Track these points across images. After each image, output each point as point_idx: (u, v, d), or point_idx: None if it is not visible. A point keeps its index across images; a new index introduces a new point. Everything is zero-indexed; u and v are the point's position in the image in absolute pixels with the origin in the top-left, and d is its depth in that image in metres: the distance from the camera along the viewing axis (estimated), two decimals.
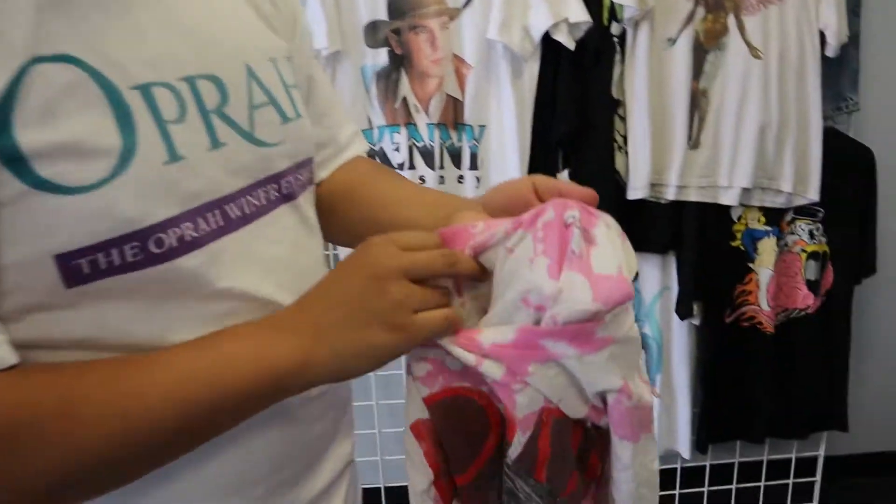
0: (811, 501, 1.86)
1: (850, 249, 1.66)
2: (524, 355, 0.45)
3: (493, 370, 0.46)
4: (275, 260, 0.52)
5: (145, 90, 0.43)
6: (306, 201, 0.59)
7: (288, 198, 0.55)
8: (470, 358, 0.46)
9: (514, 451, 0.48)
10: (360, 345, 0.46)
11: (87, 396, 0.40)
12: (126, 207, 0.41)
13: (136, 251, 0.41)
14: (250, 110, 0.51)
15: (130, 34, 0.43)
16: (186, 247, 0.44)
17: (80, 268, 0.40)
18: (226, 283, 0.47)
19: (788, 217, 1.64)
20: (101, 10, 0.42)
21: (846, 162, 1.61)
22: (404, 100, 1.50)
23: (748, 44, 1.51)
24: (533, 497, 0.49)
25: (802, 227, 1.64)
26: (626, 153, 1.53)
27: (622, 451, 0.49)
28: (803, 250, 1.65)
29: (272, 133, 0.53)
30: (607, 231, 0.47)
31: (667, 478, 1.74)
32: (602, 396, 0.47)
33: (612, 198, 1.52)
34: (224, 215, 0.47)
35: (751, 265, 1.63)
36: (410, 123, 1.50)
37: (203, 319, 0.46)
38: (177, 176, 0.44)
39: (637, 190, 1.52)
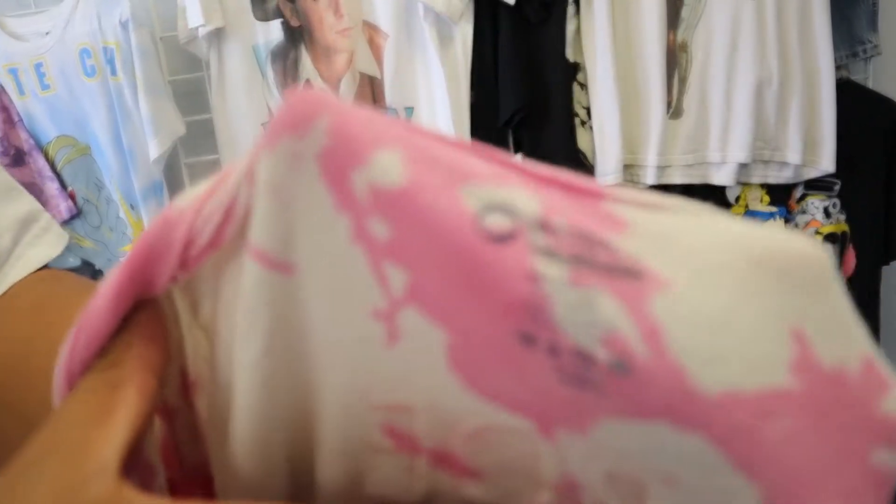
0: None
1: (874, 227, 1.38)
2: None
3: None
4: None
5: None
6: None
7: None
8: None
9: None
10: None
11: None
12: None
13: None
14: None
15: None
16: None
17: None
18: None
19: (798, 194, 1.37)
20: None
21: (866, 121, 1.33)
22: (308, 82, 1.21)
23: None
24: None
25: (815, 204, 1.36)
26: (591, 129, 1.26)
27: None
28: (818, 232, 1.37)
29: None
30: (663, 215, 0.17)
31: None
32: None
33: None
34: None
35: None
36: None
37: None
38: None
39: (608, 174, 1.24)
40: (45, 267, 0.38)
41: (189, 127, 1.26)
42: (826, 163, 1.29)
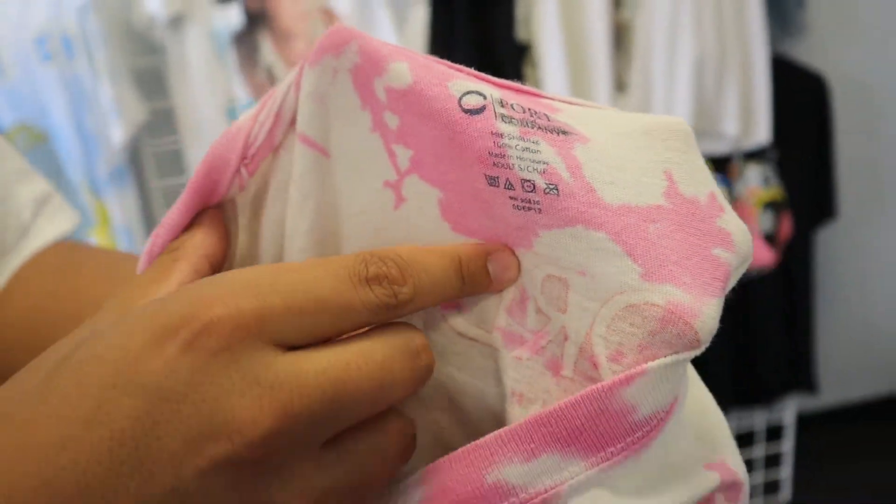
0: (783, 468, 1.72)
1: (807, 194, 1.47)
2: None
3: None
4: None
5: None
6: None
7: None
8: None
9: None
10: None
11: None
12: None
13: None
14: None
15: None
16: None
17: None
18: None
19: (737, 163, 1.44)
20: None
21: (797, 94, 1.42)
22: (269, 68, 1.23)
23: None
24: None
25: (755, 172, 1.44)
26: None
27: None
28: (757, 200, 1.45)
29: None
30: (584, 107, 0.23)
31: None
32: None
33: None
34: None
35: None
36: None
37: None
38: None
39: None
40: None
41: (149, 113, 1.27)
42: (762, 133, 1.36)
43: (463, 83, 0.20)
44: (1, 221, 0.39)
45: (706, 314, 0.19)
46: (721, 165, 1.43)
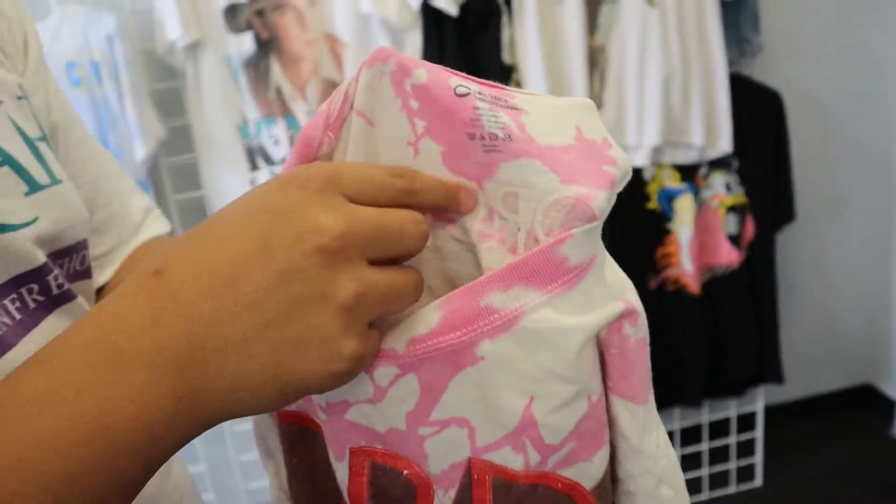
0: (754, 455, 1.83)
1: (767, 198, 1.61)
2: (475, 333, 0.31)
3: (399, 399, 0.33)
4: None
5: None
6: (85, 303, 0.43)
7: (59, 301, 0.40)
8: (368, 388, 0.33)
9: None
10: (275, 381, 0.28)
11: None
12: None
13: None
14: None
15: None
16: None
17: None
18: None
19: (703, 171, 1.57)
20: None
21: (755, 107, 1.55)
22: (278, 89, 1.36)
23: None
24: None
25: (718, 180, 1.58)
26: None
27: (631, 423, 0.35)
28: (721, 204, 1.59)
29: (15, 208, 0.37)
30: (530, 95, 0.34)
31: None
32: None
33: None
34: None
35: (669, 226, 1.56)
36: (288, 113, 1.36)
37: None
38: None
39: None
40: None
41: (167, 131, 1.39)
42: (724, 144, 1.49)
43: (456, 80, 0.32)
44: (122, 222, 0.52)
45: (599, 199, 0.31)
46: (688, 174, 1.56)
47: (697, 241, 1.58)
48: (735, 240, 1.60)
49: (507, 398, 0.32)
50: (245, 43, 1.34)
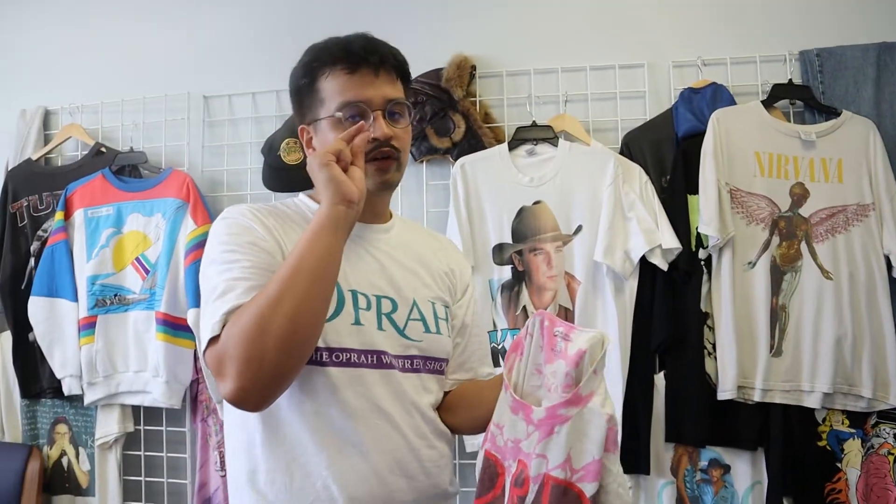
0: None
1: None
2: (552, 421, 0.77)
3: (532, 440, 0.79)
4: (399, 392, 0.95)
5: (353, 292, 0.95)
6: (428, 380, 0.99)
7: (416, 370, 0.98)
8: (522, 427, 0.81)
9: (529, 497, 0.78)
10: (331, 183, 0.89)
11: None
12: (330, 336, 0.91)
13: (333, 356, 0.92)
14: (406, 320, 0.98)
15: (356, 266, 0.98)
16: (356, 364, 0.93)
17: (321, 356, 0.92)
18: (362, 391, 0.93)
19: (872, 420, 1.75)
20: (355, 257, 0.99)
21: None
22: (524, 308, 1.80)
23: (820, 267, 1.75)
24: None
25: (887, 430, 1.74)
26: (715, 359, 1.74)
27: (612, 463, 0.76)
28: (890, 452, 1.73)
29: (416, 334, 0.99)
30: (579, 332, 0.78)
31: None
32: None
33: (703, 398, 1.71)
34: (378, 359, 0.94)
35: (839, 465, 1.74)
36: None
37: (356, 394, 0.92)
38: (356, 330, 0.93)
39: (726, 391, 1.70)
40: None
41: None
42: (893, 399, 1.69)
43: (558, 328, 0.78)
44: (471, 372, 1.10)
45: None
46: (858, 420, 1.75)
47: (865, 484, 1.72)
48: None
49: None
50: (505, 272, 1.81)
